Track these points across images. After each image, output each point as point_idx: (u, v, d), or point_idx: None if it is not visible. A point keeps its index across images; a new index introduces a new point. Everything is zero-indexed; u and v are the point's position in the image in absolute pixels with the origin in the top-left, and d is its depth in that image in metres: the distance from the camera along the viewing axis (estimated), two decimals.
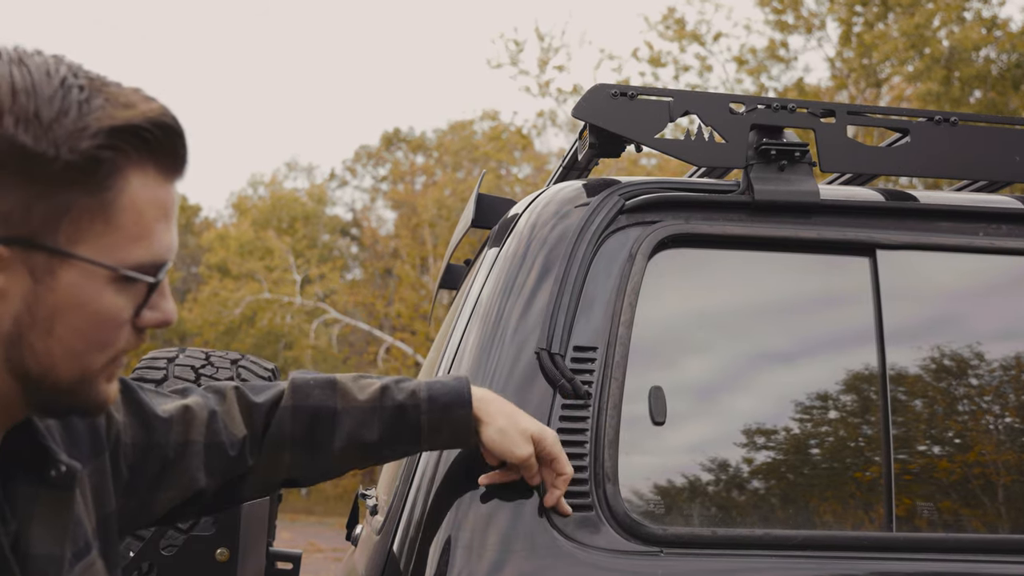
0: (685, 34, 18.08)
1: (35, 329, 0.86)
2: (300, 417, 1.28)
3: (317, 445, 1.29)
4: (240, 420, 1.26)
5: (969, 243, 1.68)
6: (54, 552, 0.95)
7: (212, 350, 2.05)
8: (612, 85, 1.66)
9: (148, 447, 1.16)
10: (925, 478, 1.57)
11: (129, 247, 0.88)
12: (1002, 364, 1.65)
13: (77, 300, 0.87)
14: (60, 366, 0.89)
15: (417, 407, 1.31)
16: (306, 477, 1.32)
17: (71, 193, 0.84)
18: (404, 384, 1.34)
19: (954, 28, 15.50)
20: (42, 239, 0.84)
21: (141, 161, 0.88)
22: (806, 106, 1.70)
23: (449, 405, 1.32)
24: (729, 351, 1.60)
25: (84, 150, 0.84)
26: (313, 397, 1.29)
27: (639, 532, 1.41)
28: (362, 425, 1.30)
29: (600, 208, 1.59)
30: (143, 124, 0.87)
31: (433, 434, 1.33)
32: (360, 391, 1.32)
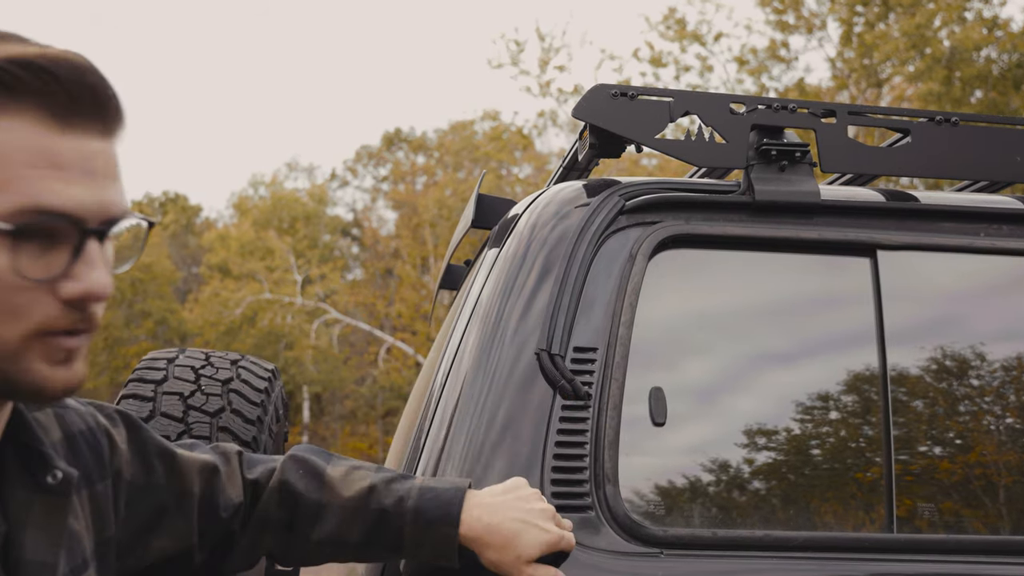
0: (686, 34, 18.07)
1: None
2: (285, 502, 1.25)
3: (297, 534, 1.25)
4: (240, 486, 1.25)
5: (970, 244, 1.68)
6: (47, 559, 0.94)
7: (212, 351, 2.04)
8: (612, 85, 1.66)
9: (147, 487, 1.14)
10: (926, 479, 1.56)
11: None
12: (1003, 365, 1.65)
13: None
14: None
15: (401, 516, 1.23)
16: (284, 559, 1.29)
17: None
18: (396, 486, 1.25)
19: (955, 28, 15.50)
20: None
21: (30, 100, 0.81)
22: (807, 106, 1.70)
23: (434, 522, 1.22)
24: (730, 352, 1.60)
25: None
26: (300, 485, 1.24)
27: (639, 533, 1.41)
28: (343, 523, 1.24)
29: (600, 208, 1.59)
30: (36, 59, 0.80)
31: (415, 548, 1.24)
32: (347, 487, 1.25)
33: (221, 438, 1.78)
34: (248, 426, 1.84)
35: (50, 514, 0.95)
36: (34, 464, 0.94)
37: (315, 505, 1.24)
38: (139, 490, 1.14)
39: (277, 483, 1.24)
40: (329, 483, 1.25)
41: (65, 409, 1.08)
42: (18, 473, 0.93)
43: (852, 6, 16.30)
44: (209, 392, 1.84)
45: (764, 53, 17.96)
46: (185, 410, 1.80)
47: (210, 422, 1.80)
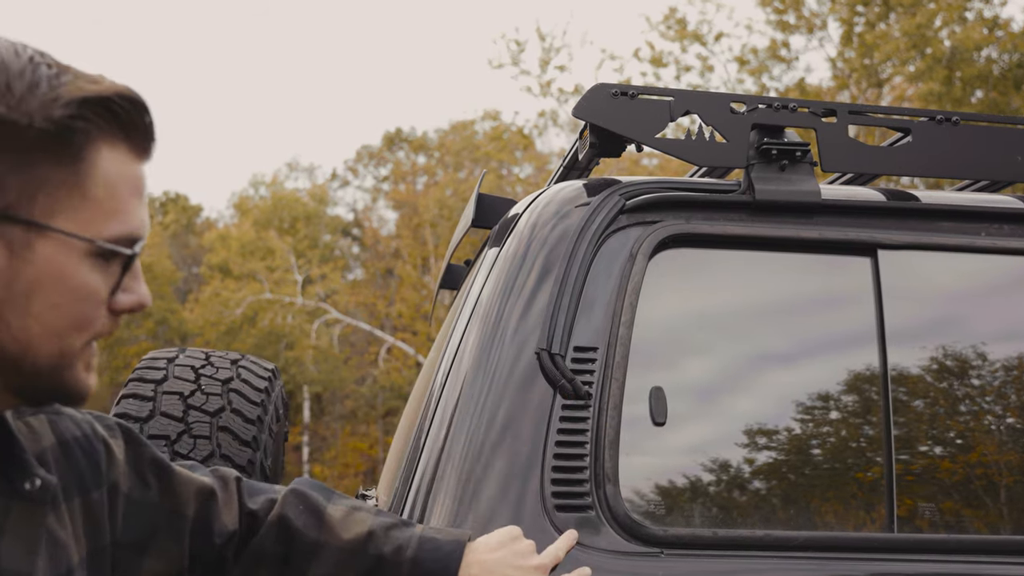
0: (686, 34, 18.06)
1: (12, 305, 0.85)
2: (282, 537, 1.24)
3: (291, 571, 1.24)
4: (236, 514, 1.23)
5: (971, 243, 1.68)
6: (22, 569, 0.93)
7: (212, 350, 2.04)
8: (613, 84, 1.66)
9: (142, 503, 1.13)
10: (926, 479, 1.56)
11: (104, 221, 0.88)
12: (1003, 364, 1.65)
13: (55, 275, 0.86)
14: (38, 345, 0.87)
15: (398, 566, 1.23)
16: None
17: (46, 164, 0.85)
18: (395, 533, 1.25)
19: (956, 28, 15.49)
20: (18, 212, 0.84)
21: (112, 134, 0.89)
22: (807, 105, 1.70)
23: (432, 573, 1.23)
24: (730, 351, 1.60)
25: (57, 119, 0.84)
26: (299, 521, 1.24)
27: (640, 533, 1.41)
28: (339, 566, 1.23)
29: (600, 208, 1.59)
30: (113, 96, 0.87)
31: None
32: (346, 529, 1.24)
33: (221, 437, 1.78)
34: (248, 425, 1.84)
35: (28, 521, 0.94)
36: (12, 470, 0.94)
37: (312, 544, 1.23)
38: (135, 504, 1.13)
39: (276, 517, 1.23)
40: (328, 523, 1.24)
41: (59, 415, 1.07)
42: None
43: (853, 6, 16.29)
44: (209, 392, 1.84)
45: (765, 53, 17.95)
46: (185, 409, 1.81)
47: (210, 421, 1.80)
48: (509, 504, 1.40)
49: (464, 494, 1.41)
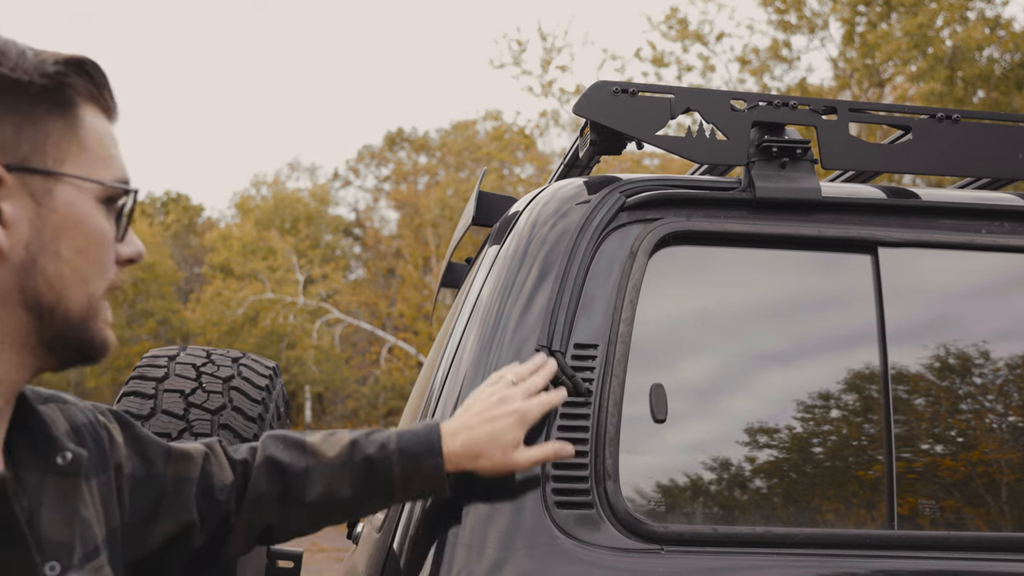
0: (688, 34, 18.06)
1: (44, 252, 0.92)
2: (273, 474, 1.30)
3: (292, 501, 1.31)
4: (228, 468, 1.30)
5: (971, 241, 1.68)
6: (64, 539, 0.97)
7: (213, 348, 2.04)
8: (613, 82, 1.66)
9: (147, 479, 1.19)
10: (927, 476, 1.56)
11: (102, 167, 0.97)
12: (1004, 362, 1.65)
13: (76, 219, 0.94)
14: (70, 293, 0.94)
15: (387, 459, 1.31)
16: (283, 531, 1.33)
17: (48, 117, 0.93)
18: (374, 436, 1.34)
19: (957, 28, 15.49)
20: (34, 162, 0.91)
21: (88, 92, 0.97)
22: (808, 103, 1.70)
23: (419, 456, 1.32)
24: (730, 349, 1.60)
25: (52, 74, 0.93)
26: (284, 455, 1.31)
27: (640, 530, 1.41)
28: (333, 482, 1.31)
29: (601, 206, 1.59)
30: (83, 59, 0.97)
31: (405, 486, 1.33)
32: (330, 448, 1.33)
33: (222, 435, 1.78)
34: (249, 423, 1.84)
35: (63, 495, 0.99)
36: (43, 447, 0.99)
37: (303, 471, 1.30)
38: (140, 482, 1.18)
39: (263, 459, 1.31)
40: (312, 448, 1.33)
41: (66, 404, 1.11)
42: (29, 456, 0.98)
43: (854, 6, 16.28)
44: (210, 389, 1.84)
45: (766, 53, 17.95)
46: (186, 407, 1.81)
47: (211, 419, 1.80)
48: (509, 501, 1.40)
49: (464, 491, 1.41)
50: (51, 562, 0.94)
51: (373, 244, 29.74)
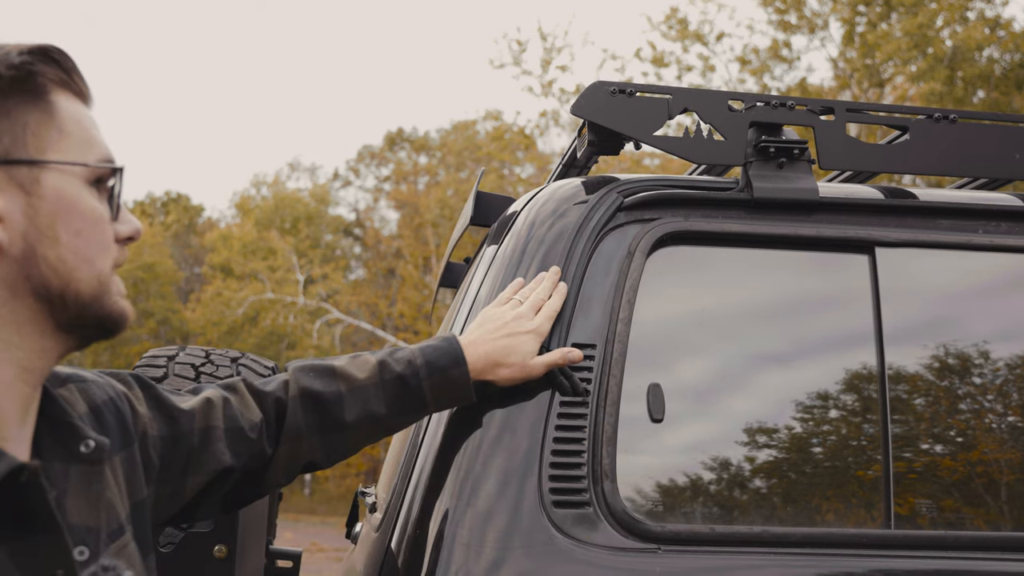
0: (688, 34, 18.06)
1: (43, 240, 0.93)
2: (309, 405, 1.34)
3: (331, 428, 1.35)
4: (255, 406, 1.32)
5: (969, 241, 1.68)
6: (90, 523, 1.00)
7: (212, 348, 2.05)
8: (611, 82, 1.66)
9: (174, 438, 1.21)
10: (925, 476, 1.56)
11: (85, 149, 0.97)
12: (1002, 362, 1.65)
13: (67, 203, 0.94)
14: (77, 275, 0.95)
15: (416, 375, 1.38)
16: (326, 459, 1.37)
17: (22, 107, 0.93)
18: (399, 355, 1.40)
19: (957, 28, 15.49)
20: (16, 153, 0.92)
21: (59, 79, 0.97)
22: (805, 103, 1.70)
23: (446, 367, 1.39)
24: (727, 349, 1.60)
25: (19, 64, 0.93)
26: (316, 384, 1.35)
27: (637, 529, 1.41)
28: (368, 402, 1.36)
29: (598, 206, 1.59)
30: (47, 47, 0.97)
31: (437, 397, 1.39)
32: (359, 370, 1.37)
33: None
34: None
35: (87, 482, 1.01)
36: (65, 436, 1.01)
37: (338, 397, 1.35)
38: (168, 442, 1.21)
39: (297, 391, 1.34)
40: (341, 373, 1.37)
41: (86, 382, 1.13)
42: (52, 445, 1.00)
43: (854, 6, 16.29)
44: None
45: (766, 53, 17.95)
46: None
47: None
48: (507, 501, 1.40)
49: (463, 491, 1.41)
50: (80, 547, 0.97)
51: (373, 244, 29.73)
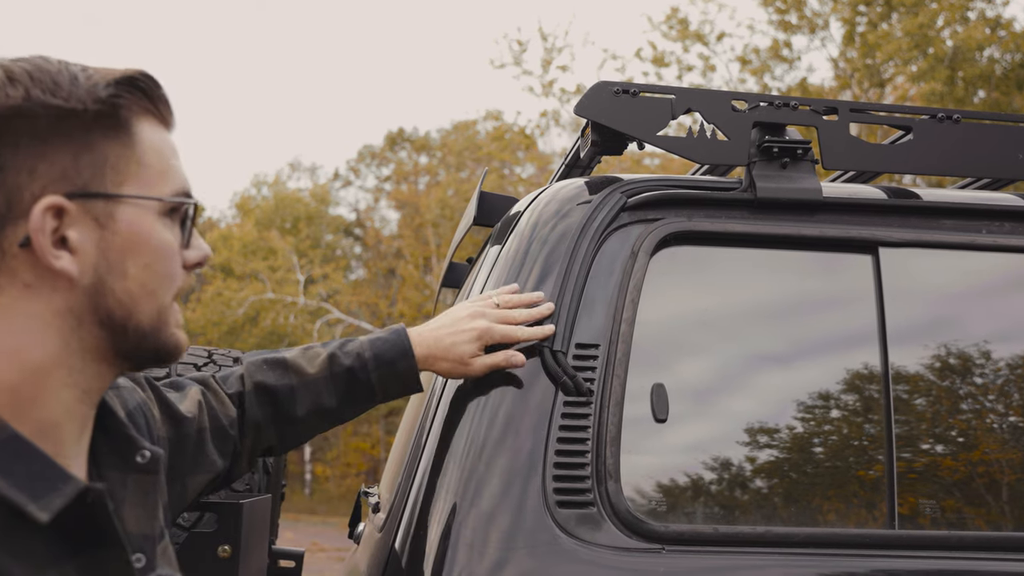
0: (688, 34, 18.05)
1: (112, 273, 0.95)
2: (264, 398, 1.40)
3: (284, 420, 1.41)
4: (227, 402, 1.38)
5: (972, 241, 1.68)
6: (147, 531, 1.04)
7: (215, 348, 2.05)
8: (614, 82, 1.66)
9: (178, 439, 1.26)
10: (927, 476, 1.56)
11: (161, 181, 0.99)
12: (1005, 362, 1.65)
13: (139, 236, 0.96)
14: (140, 307, 0.97)
15: (365, 367, 1.43)
16: (281, 447, 1.44)
17: (104, 142, 0.95)
18: (349, 347, 1.45)
19: (958, 28, 15.48)
20: (95, 187, 0.94)
21: (143, 107, 0.99)
22: (808, 103, 1.70)
23: (394, 360, 1.44)
24: (731, 349, 1.60)
25: (105, 99, 0.95)
26: (269, 378, 1.40)
27: (641, 529, 1.41)
28: (319, 395, 1.41)
29: (602, 206, 1.59)
30: (135, 75, 0.98)
31: (385, 388, 1.45)
32: (310, 364, 1.43)
33: None
34: None
35: (143, 491, 1.04)
36: (122, 447, 1.04)
37: (289, 390, 1.41)
38: (174, 444, 1.25)
39: (251, 386, 1.40)
40: (293, 366, 1.42)
41: (119, 388, 1.17)
42: (109, 455, 1.03)
43: (855, 6, 16.28)
44: None
45: (767, 53, 17.94)
46: None
47: None
48: (511, 501, 1.40)
49: (466, 492, 1.41)
50: (137, 554, 1.00)
51: (374, 244, 29.74)
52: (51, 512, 0.87)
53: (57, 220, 0.91)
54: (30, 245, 0.90)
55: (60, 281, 0.92)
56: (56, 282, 0.92)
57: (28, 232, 0.90)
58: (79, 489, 0.89)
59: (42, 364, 0.93)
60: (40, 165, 0.91)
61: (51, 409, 0.94)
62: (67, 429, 0.95)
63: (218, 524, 1.61)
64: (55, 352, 0.93)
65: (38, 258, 0.91)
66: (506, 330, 1.48)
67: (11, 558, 0.85)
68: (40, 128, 0.91)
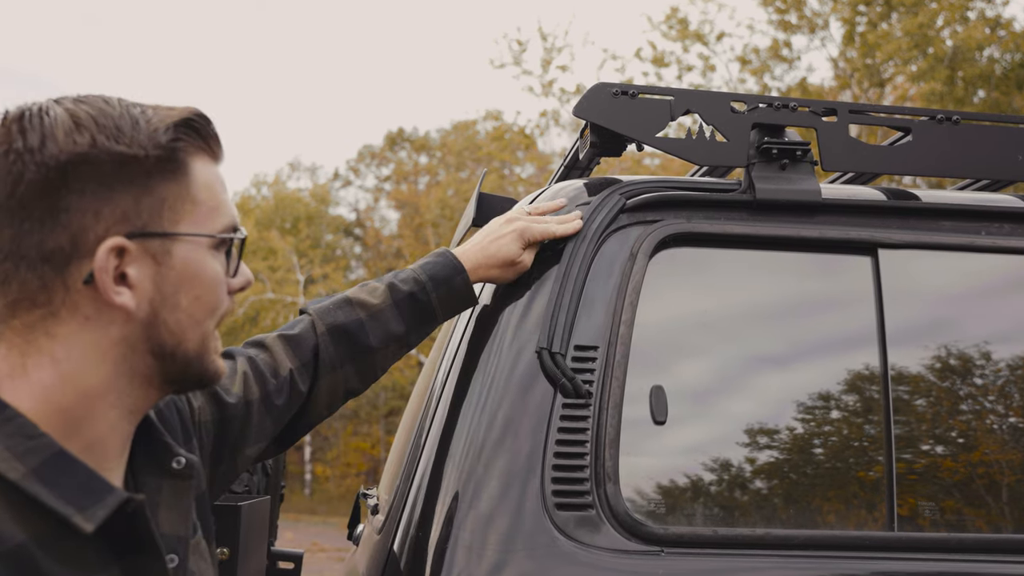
0: (688, 34, 18.04)
1: (166, 306, 1.01)
2: (337, 337, 1.46)
3: (361, 353, 1.47)
4: (284, 357, 1.42)
5: (971, 242, 1.68)
6: (180, 533, 1.09)
7: None
8: (613, 84, 1.66)
9: (223, 419, 1.30)
10: (927, 478, 1.56)
11: (213, 218, 1.04)
12: (1004, 364, 1.65)
13: (192, 272, 1.02)
14: (187, 334, 1.03)
15: (424, 290, 1.52)
16: (361, 383, 1.50)
17: (163, 184, 1.00)
18: (403, 275, 1.54)
19: (958, 28, 15.48)
20: (153, 227, 0.99)
21: (198, 146, 1.04)
22: (808, 105, 1.70)
23: (450, 278, 1.53)
24: (730, 351, 1.60)
25: (164, 145, 1.00)
26: (339, 317, 1.47)
27: (640, 532, 1.41)
28: (387, 323, 1.49)
29: (601, 207, 1.59)
30: (191, 116, 1.03)
31: (445, 306, 1.54)
32: (372, 296, 1.50)
33: None
34: None
35: (178, 496, 1.09)
36: (159, 452, 1.09)
37: (359, 324, 1.48)
38: (219, 424, 1.30)
39: (324, 329, 1.46)
40: (357, 301, 1.50)
41: None
42: (146, 462, 1.08)
43: (854, 6, 16.27)
44: None
45: (766, 53, 17.93)
46: None
47: None
48: (510, 503, 1.40)
49: (465, 493, 1.41)
50: (170, 555, 1.05)
51: (373, 244, 29.74)
52: (96, 523, 0.93)
53: (118, 259, 0.97)
54: (93, 282, 0.96)
55: (117, 314, 0.98)
56: (114, 315, 0.98)
57: (92, 270, 0.95)
58: (120, 500, 0.95)
59: (95, 389, 0.98)
60: (104, 208, 0.96)
61: (98, 428, 0.99)
62: (111, 444, 1.01)
63: (216, 526, 1.60)
64: (107, 378, 0.99)
65: (99, 294, 0.96)
66: (543, 226, 1.57)
67: (60, 565, 0.91)
68: (105, 174, 0.96)
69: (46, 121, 0.96)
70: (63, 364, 0.97)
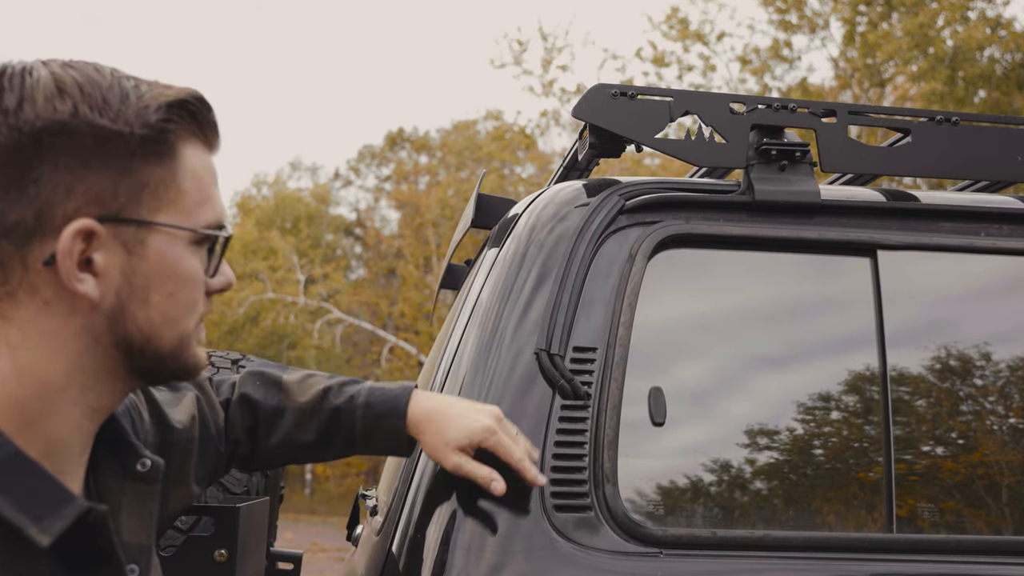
0: (688, 34, 18.04)
1: (134, 300, 0.92)
2: (247, 411, 1.37)
3: (258, 440, 1.38)
4: (218, 407, 1.35)
5: (971, 244, 1.68)
6: (143, 541, 1.02)
7: (213, 350, 2.05)
8: (612, 85, 1.66)
9: (164, 448, 1.21)
10: (926, 479, 1.56)
11: (198, 211, 0.96)
12: (1004, 365, 1.65)
13: (167, 266, 0.94)
14: (160, 334, 0.95)
15: (352, 413, 1.37)
16: (249, 464, 1.41)
17: (146, 167, 0.91)
18: (348, 388, 1.39)
19: (958, 28, 15.48)
20: (129, 213, 0.91)
21: (191, 132, 0.96)
22: (807, 106, 1.70)
23: (383, 415, 1.36)
24: (729, 352, 1.60)
25: (153, 124, 0.91)
26: (258, 394, 1.38)
27: (638, 533, 1.41)
28: (299, 426, 1.37)
29: (600, 209, 1.59)
30: (188, 98, 0.95)
31: (367, 440, 1.38)
32: (302, 392, 1.39)
33: None
34: None
35: (141, 499, 1.03)
36: (123, 453, 1.02)
37: (274, 410, 1.37)
38: (162, 452, 1.21)
39: (238, 396, 1.37)
40: (286, 389, 1.39)
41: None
42: (109, 462, 1.02)
43: (855, 6, 16.27)
44: None
45: (767, 53, 17.93)
46: None
47: None
48: (508, 504, 1.40)
49: (463, 495, 1.41)
50: (131, 565, 0.99)
51: (374, 244, 29.73)
52: (52, 535, 0.85)
53: (85, 243, 0.88)
54: (55, 264, 0.87)
55: (80, 302, 0.90)
56: (76, 303, 0.89)
57: (55, 251, 0.87)
58: (81, 510, 0.87)
59: (54, 382, 0.91)
60: (78, 185, 0.88)
61: (57, 426, 0.92)
62: (71, 445, 0.94)
63: (215, 528, 1.60)
64: (68, 371, 0.91)
65: (60, 278, 0.88)
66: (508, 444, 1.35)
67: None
68: (83, 148, 0.88)
69: (27, 82, 0.88)
70: (20, 352, 0.89)
